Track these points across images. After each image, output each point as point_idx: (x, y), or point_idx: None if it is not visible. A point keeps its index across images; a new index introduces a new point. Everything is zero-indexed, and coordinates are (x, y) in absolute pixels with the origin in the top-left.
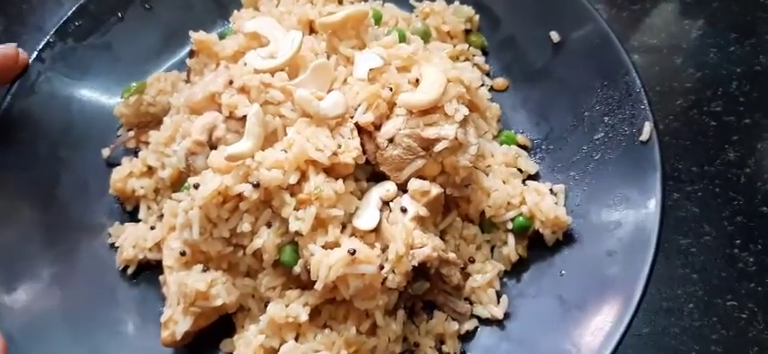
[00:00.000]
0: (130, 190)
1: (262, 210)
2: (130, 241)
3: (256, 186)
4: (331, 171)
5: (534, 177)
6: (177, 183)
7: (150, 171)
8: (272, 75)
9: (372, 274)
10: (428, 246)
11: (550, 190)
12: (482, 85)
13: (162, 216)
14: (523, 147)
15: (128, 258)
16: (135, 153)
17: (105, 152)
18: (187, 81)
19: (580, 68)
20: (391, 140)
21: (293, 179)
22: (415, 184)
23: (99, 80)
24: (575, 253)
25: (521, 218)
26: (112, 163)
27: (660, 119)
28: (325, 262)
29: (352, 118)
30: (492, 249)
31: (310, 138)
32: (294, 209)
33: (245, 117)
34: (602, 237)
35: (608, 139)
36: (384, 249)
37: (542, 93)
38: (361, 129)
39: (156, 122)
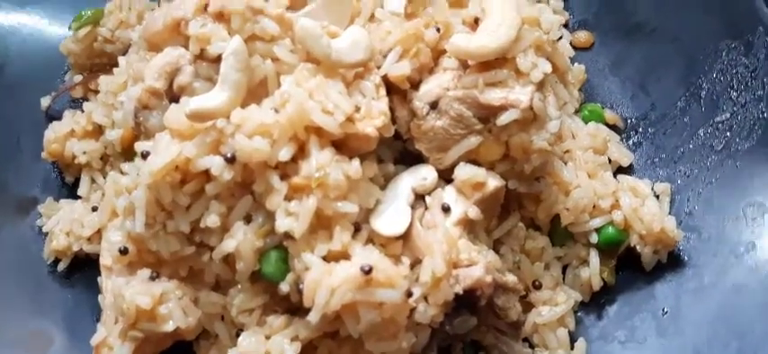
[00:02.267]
0: (70, 156)
1: (238, 197)
2: (64, 225)
3: (231, 160)
4: (343, 145)
5: (627, 170)
6: (131, 149)
7: (97, 130)
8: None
9: (395, 303)
10: (479, 265)
11: (652, 189)
12: (561, 38)
13: None
14: (613, 128)
15: (59, 248)
16: (83, 104)
17: (45, 101)
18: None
19: (697, 21)
20: (434, 105)
21: (285, 153)
22: (464, 172)
23: (44, 3)
24: (684, 284)
25: (611, 229)
26: (54, 117)
27: None
28: (325, 283)
29: (378, 68)
30: (565, 269)
31: (315, 93)
32: (285, 199)
33: (220, 58)
34: (727, 263)
35: (736, 123)
36: (414, 265)
37: (642, 55)
38: (391, 86)
39: (114, 66)
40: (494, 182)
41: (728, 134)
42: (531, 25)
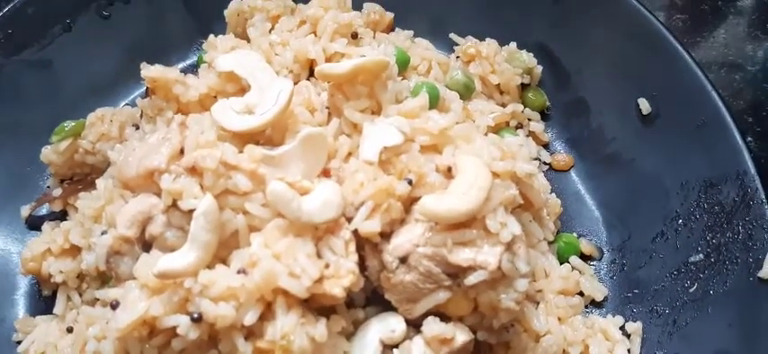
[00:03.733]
0: (46, 274)
1: (205, 352)
2: (38, 346)
3: (197, 320)
4: (312, 299)
5: (600, 304)
6: (105, 276)
7: (74, 249)
8: (243, 145)
9: None
10: None
11: (622, 328)
12: (538, 167)
13: None
14: (588, 258)
15: None
16: (63, 217)
17: (25, 210)
18: (137, 127)
19: (677, 155)
20: (404, 260)
21: (251, 317)
22: (433, 328)
23: (30, 112)
24: None
25: None
26: (34, 227)
27: None
28: None
29: (349, 221)
30: None
31: (283, 256)
32: None
33: (192, 211)
34: None
35: (711, 265)
36: None
37: (621, 183)
38: (362, 238)
39: (95, 176)
40: (462, 337)
41: (702, 276)
42: (504, 180)
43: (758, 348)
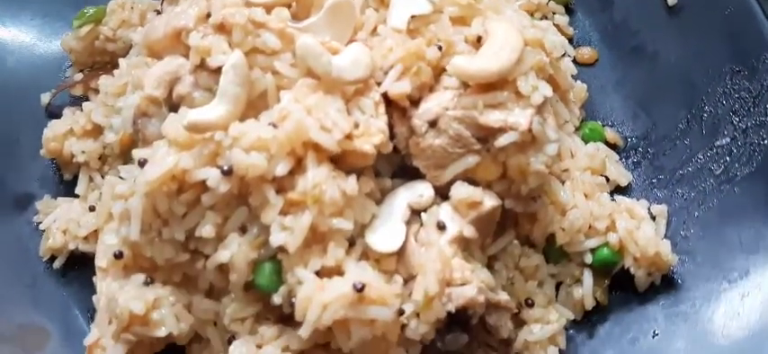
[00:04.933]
0: (68, 154)
1: (233, 208)
2: (61, 223)
3: (227, 173)
4: (340, 160)
5: (624, 190)
6: (129, 151)
7: (96, 129)
8: (269, 12)
9: (387, 321)
10: (472, 285)
11: (648, 211)
12: (564, 55)
13: None
14: (613, 147)
15: (55, 246)
16: (82, 104)
17: (45, 97)
18: (160, 12)
19: (703, 45)
20: (434, 124)
21: (282, 168)
22: (461, 191)
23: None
24: (676, 307)
25: (606, 250)
26: (55, 115)
27: None
28: (317, 299)
29: (379, 84)
30: (558, 287)
31: (313, 110)
32: (280, 214)
33: (221, 69)
34: (719, 289)
35: (736, 149)
36: (408, 281)
37: (645, 74)
38: (390, 103)
39: (114, 65)
40: (490, 202)
41: (728, 159)
42: (534, 47)
43: None
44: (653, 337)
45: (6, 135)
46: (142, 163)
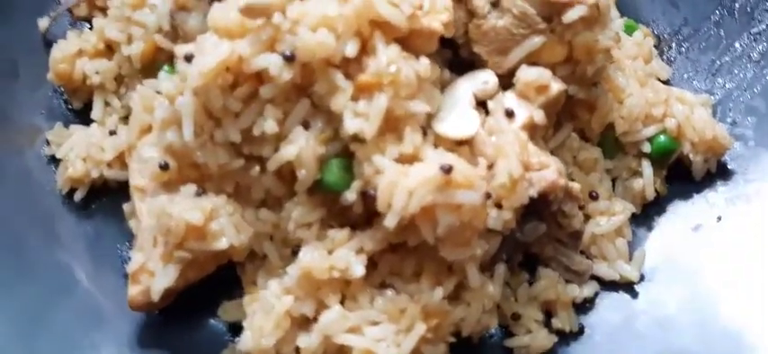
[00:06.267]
0: (80, 77)
1: (295, 101)
2: (79, 151)
3: (290, 58)
4: (404, 42)
5: (665, 84)
6: (151, 66)
7: (109, 50)
8: None
9: (474, 205)
10: (551, 169)
11: None
12: None
13: (126, 117)
14: None
15: (75, 176)
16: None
17: (43, 22)
18: None
19: None
20: (496, 4)
21: (352, 48)
22: (528, 74)
23: None
24: (736, 191)
25: (664, 138)
26: (53, 41)
27: None
28: (403, 185)
29: None
30: (613, 182)
31: None
32: (351, 99)
33: None
34: None
35: None
36: (489, 167)
37: None
38: None
39: None
40: (557, 86)
41: (766, 44)
42: None
43: None
44: (717, 221)
45: (3, 64)
46: (189, 58)
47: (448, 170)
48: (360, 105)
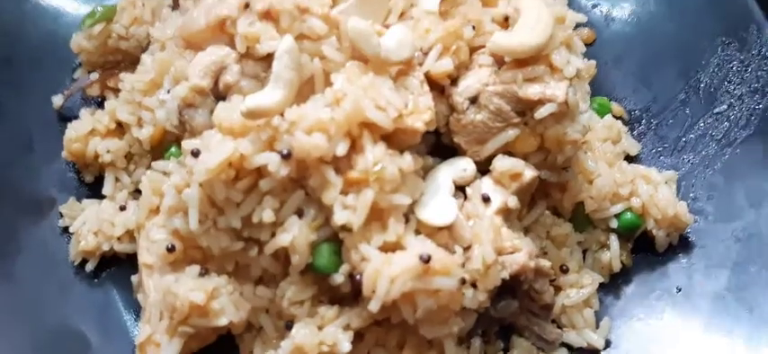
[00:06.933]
0: (92, 155)
1: (290, 192)
2: (91, 225)
3: (287, 156)
4: (390, 139)
5: (635, 160)
6: (159, 147)
7: (120, 129)
8: None
9: (451, 290)
10: (523, 252)
11: None
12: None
13: (135, 191)
14: (619, 120)
15: (87, 249)
16: (98, 103)
17: (57, 100)
18: (175, 7)
19: (695, 20)
20: (474, 100)
21: (342, 148)
22: (503, 164)
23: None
24: (694, 264)
25: (630, 215)
26: (66, 117)
27: None
28: (385, 273)
29: (420, 65)
30: (583, 254)
31: (368, 91)
32: (341, 193)
33: (268, 56)
34: (731, 244)
35: (734, 114)
36: (466, 249)
37: (643, 50)
38: (431, 83)
39: (128, 62)
40: (530, 173)
41: (727, 124)
42: (560, 23)
43: None
44: (677, 292)
45: (19, 138)
46: (196, 154)
47: (427, 259)
48: (349, 198)
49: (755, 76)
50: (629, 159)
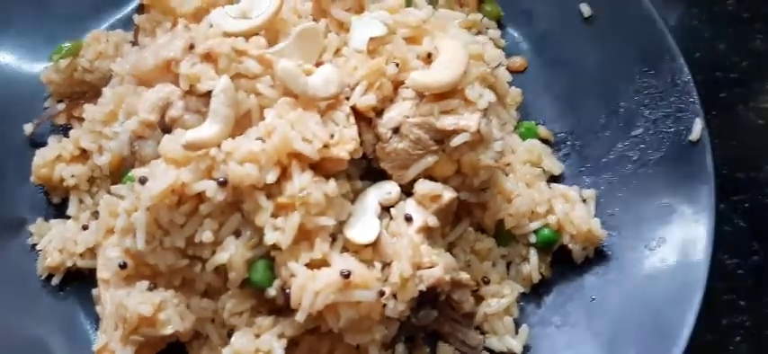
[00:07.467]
0: (58, 179)
1: (228, 215)
2: (57, 243)
3: (223, 184)
4: (319, 167)
5: (558, 179)
6: (118, 173)
7: (84, 155)
8: (247, 40)
9: (370, 302)
10: (439, 267)
11: (579, 195)
12: (499, 65)
13: (97, 213)
14: (545, 142)
15: (53, 265)
16: (65, 131)
17: (28, 128)
18: (134, 43)
19: (615, 50)
20: (397, 131)
21: (272, 177)
22: (423, 187)
23: (23, 37)
24: (608, 275)
25: (547, 231)
26: (37, 143)
27: None
28: (310, 287)
29: (347, 99)
30: (508, 265)
31: (296, 124)
32: (271, 216)
33: (208, 93)
34: (642, 256)
35: (649, 137)
36: (384, 267)
37: (568, 78)
38: (357, 114)
39: (93, 94)
40: (448, 194)
41: (642, 146)
42: (477, 60)
43: (694, 195)
44: (591, 301)
45: None
46: (143, 181)
47: (347, 275)
48: (278, 221)
49: (668, 102)
50: (554, 178)
